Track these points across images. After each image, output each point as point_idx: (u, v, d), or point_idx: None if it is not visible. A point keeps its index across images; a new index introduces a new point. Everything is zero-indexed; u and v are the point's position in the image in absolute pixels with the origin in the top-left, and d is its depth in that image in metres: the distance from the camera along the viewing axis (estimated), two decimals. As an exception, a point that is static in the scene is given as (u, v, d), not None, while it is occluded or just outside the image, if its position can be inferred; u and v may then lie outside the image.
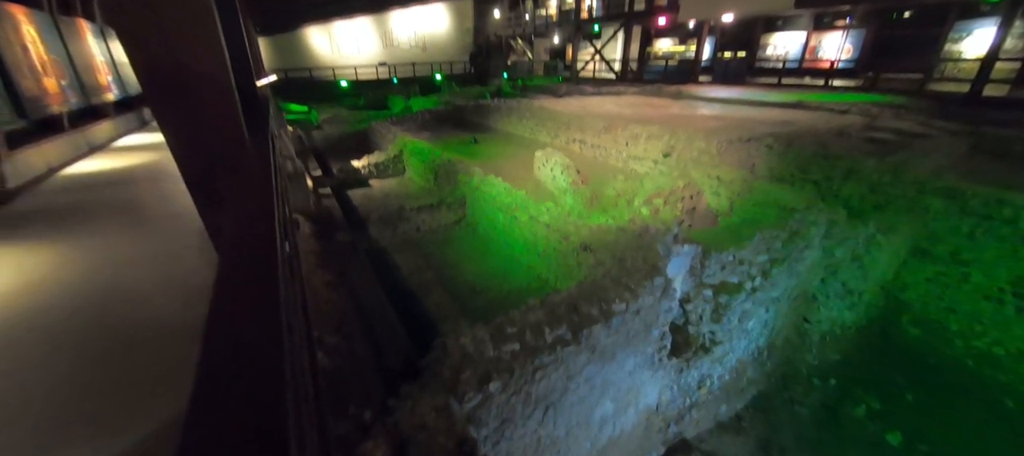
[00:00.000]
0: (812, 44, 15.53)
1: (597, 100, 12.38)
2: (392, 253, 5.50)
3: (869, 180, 5.63)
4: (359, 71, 24.87)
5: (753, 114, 9.20)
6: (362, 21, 24.70)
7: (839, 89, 12.15)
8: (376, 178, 8.81)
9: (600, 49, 19.39)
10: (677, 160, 6.25)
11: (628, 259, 3.31)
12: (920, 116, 8.39)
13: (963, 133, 7.18)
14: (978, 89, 9.16)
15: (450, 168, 6.93)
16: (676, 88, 13.41)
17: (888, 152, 6.52)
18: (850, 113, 8.80)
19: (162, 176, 5.53)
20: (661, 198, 5.30)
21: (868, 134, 7.84)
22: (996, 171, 6.02)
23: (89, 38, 6.70)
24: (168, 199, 4.72)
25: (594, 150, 8.07)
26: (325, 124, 15.11)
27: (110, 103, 7.21)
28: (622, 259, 3.36)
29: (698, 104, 11.24)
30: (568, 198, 6.33)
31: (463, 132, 11.30)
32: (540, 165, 7.05)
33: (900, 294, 5.12)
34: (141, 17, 1.97)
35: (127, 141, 7.30)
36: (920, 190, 5.14)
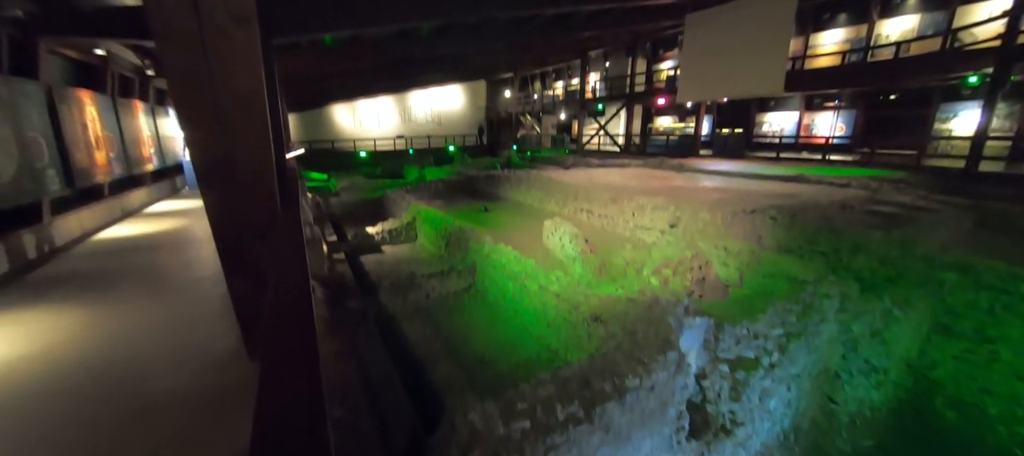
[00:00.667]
0: (805, 122, 16.34)
1: (603, 172, 12.92)
2: (401, 321, 5.49)
3: (878, 253, 5.64)
4: (378, 143, 26.47)
5: (755, 187, 9.48)
6: (384, 100, 26.80)
7: (837, 163, 12.56)
8: (389, 244, 9.03)
9: (604, 125, 20.57)
10: (684, 231, 6.38)
11: (639, 332, 3.29)
12: (921, 190, 8.57)
13: (966, 207, 7.28)
14: (974, 165, 9.43)
15: (461, 236, 7.13)
16: (678, 161, 13.99)
17: (893, 226, 6.60)
18: (851, 186, 9.03)
19: (186, 242, 5.76)
20: (670, 268, 5.34)
21: (871, 207, 7.98)
22: (1003, 246, 6.01)
23: (140, 116, 7.39)
24: (190, 265, 4.88)
25: (601, 220, 8.27)
26: (343, 191, 15.80)
27: (148, 173, 7.75)
28: (633, 332, 3.34)
29: (700, 176, 11.65)
30: (577, 267, 6.39)
31: (474, 201, 11.72)
32: (549, 234, 7.21)
33: (929, 373, 4.89)
34: (204, 107, 2.24)
35: (158, 207, 7.72)
36: (931, 264, 5.12)
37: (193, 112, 2.29)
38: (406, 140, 27.37)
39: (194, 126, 2.46)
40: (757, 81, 10.91)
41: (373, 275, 7.25)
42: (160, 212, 7.61)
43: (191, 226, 6.72)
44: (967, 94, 11.71)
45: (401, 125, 28.01)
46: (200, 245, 5.56)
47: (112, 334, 3.18)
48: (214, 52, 2.28)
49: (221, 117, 2.48)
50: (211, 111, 2.48)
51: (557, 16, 11.85)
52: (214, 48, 2.25)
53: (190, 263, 5.12)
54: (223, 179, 2.59)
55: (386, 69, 14.25)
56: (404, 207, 10.62)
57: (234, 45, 2.31)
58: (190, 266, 5.00)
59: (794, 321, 4.23)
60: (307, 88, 16.13)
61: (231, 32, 2.25)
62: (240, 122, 2.49)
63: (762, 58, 10.42)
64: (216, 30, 2.22)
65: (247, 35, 2.32)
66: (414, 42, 11.60)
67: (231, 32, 2.25)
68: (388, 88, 24.27)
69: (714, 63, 11.80)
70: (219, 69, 2.33)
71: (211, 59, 2.31)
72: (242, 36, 2.31)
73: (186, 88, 2.31)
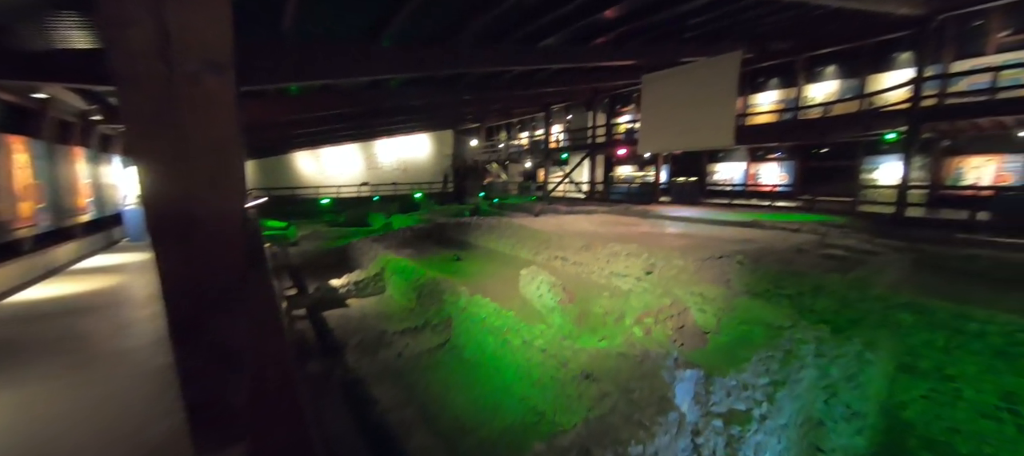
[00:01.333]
0: (752, 172, 17.75)
1: (571, 218, 13.17)
2: (371, 384, 5.00)
3: (838, 295, 5.94)
4: (342, 190, 25.80)
5: (717, 232, 9.96)
6: (349, 146, 26.50)
7: (784, 209, 13.59)
8: (355, 297, 8.48)
9: (569, 173, 21.34)
10: (659, 277, 6.46)
11: (635, 389, 3.14)
12: (862, 234, 9.32)
13: (903, 249, 7.96)
14: (901, 211, 10.47)
15: (435, 287, 6.82)
16: (642, 208, 14.58)
17: (847, 268, 7.05)
18: (802, 231, 9.70)
19: (120, 303, 5.09)
20: (651, 317, 5.32)
21: (823, 251, 8.55)
22: (941, 284, 6.55)
23: (80, 163, 6.74)
24: (124, 331, 4.28)
25: (576, 267, 8.27)
26: (303, 240, 14.99)
27: (81, 224, 6.95)
28: (629, 390, 3.19)
29: (664, 222, 12.14)
30: (556, 317, 6.23)
31: (445, 249, 11.45)
32: (526, 283, 7.07)
33: (900, 414, 5.02)
34: (167, 155, 1.99)
35: (91, 263, 6.87)
36: (887, 305, 5.43)
37: (153, 161, 2.02)
38: (371, 187, 26.93)
39: (153, 176, 2.14)
40: (710, 135, 11.82)
41: (338, 332, 6.69)
42: (92, 268, 6.78)
43: (127, 284, 6.00)
44: (886, 149, 13.26)
45: (366, 172, 27.65)
46: (135, 306, 4.93)
47: (19, 423, 2.63)
48: (185, 99, 2.04)
49: (187, 167, 2.20)
50: (175, 160, 2.19)
51: (524, 72, 12.47)
52: (185, 95, 2.02)
53: (124, 329, 4.50)
54: (183, 237, 2.26)
55: (355, 118, 14.20)
56: (371, 257, 10.16)
57: (207, 92, 2.08)
58: (124, 332, 4.38)
59: (777, 368, 4.25)
60: (270, 135, 15.67)
61: (204, 79, 2.04)
62: (209, 173, 2.22)
63: (713, 115, 11.38)
64: (188, 76, 2.00)
65: (222, 82, 2.11)
66: (385, 92, 11.70)
67: (204, 79, 2.04)
68: (355, 136, 24.11)
69: (670, 118, 12.74)
70: (189, 117, 2.09)
71: (181, 106, 2.07)
72: (216, 83, 2.09)
73: (147, 135, 2.04)
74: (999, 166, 11.54)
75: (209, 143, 2.04)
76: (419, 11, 6.07)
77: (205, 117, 2.01)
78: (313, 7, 5.27)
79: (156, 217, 2.07)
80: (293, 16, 5.22)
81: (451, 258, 10.06)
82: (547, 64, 10.15)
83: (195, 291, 2.16)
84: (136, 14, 1.87)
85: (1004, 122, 10.12)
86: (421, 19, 6.60)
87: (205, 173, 2.04)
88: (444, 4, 6.41)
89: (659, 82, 13.17)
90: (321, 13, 5.76)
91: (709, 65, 11.55)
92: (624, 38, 9.92)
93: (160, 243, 2.10)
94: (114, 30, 1.87)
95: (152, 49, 1.85)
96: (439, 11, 6.66)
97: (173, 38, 1.94)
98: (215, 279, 2.22)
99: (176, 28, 1.92)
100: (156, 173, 1.94)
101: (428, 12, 6.37)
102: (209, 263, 2.23)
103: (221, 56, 2.01)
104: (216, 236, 2.26)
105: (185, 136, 1.91)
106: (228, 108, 2.19)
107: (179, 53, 1.88)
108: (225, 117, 2.16)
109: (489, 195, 25.18)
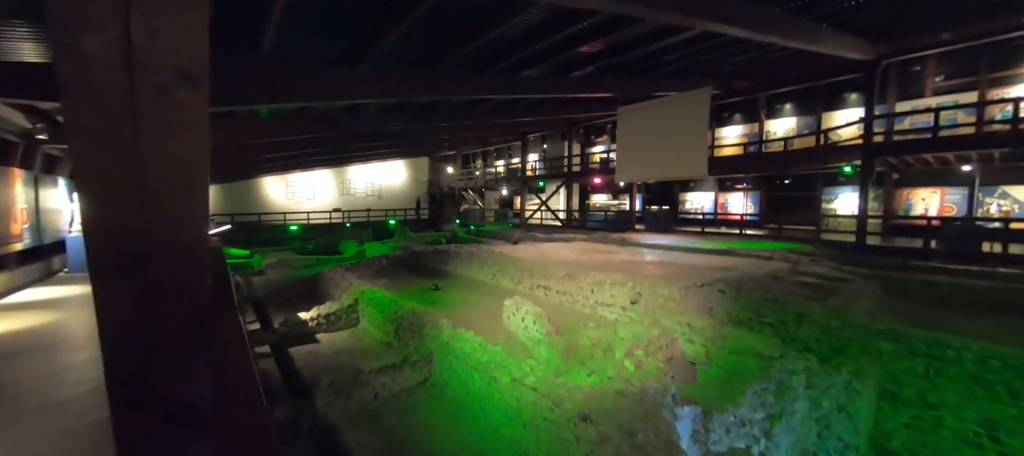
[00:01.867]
0: (721, 201, 18.46)
1: (551, 246, 13.11)
2: (344, 430, 4.54)
3: (819, 323, 6.04)
4: (312, 216, 24.87)
5: (694, 260, 10.12)
6: (321, 172, 25.77)
7: (753, 237, 14.09)
8: (326, 331, 7.92)
9: (545, 201, 21.49)
10: (645, 307, 6.39)
11: (639, 432, 2.95)
12: (830, 262, 9.70)
13: (870, 277, 8.29)
14: (862, 239, 11.03)
15: (414, 320, 6.45)
16: (620, 236, 14.75)
17: (823, 295, 7.25)
18: (774, 259, 10.00)
19: (52, 347, 4.46)
20: (641, 349, 5.18)
21: (797, 278, 8.80)
22: (910, 310, 6.82)
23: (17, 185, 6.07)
24: (53, 380, 3.72)
25: (560, 297, 8.11)
26: (269, 269, 14.13)
27: (13, 253, 6.19)
28: (632, 432, 2.99)
29: (642, 250, 12.28)
30: (542, 349, 5.99)
31: (422, 278, 11.04)
32: (510, 314, 6.81)
33: (887, 443, 5.03)
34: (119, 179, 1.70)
35: (21, 297, 6.08)
36: (868, 333, 5.54)
37: (100, 182, 1.71)
38: (343, 213, 26.11)
39: (99, 199, 1.80)
40: (685, 165, 12.24)
41: (307, 372, 6.15)
42: (23, 303, 6.02)
43: (63, 321, 5.32)
44: (843, 180, 14.12)
45: (338, 198, 26.86)
46: (71, 349, 4.34)
47: None
48: (147, 114, 1.75)
49: (143, 193, 1.88)
50: (127, 181, 1.87)
51: (504, 101, 12.61)
52: (147, 109, 1.73)
53: (55, 376, 3.91)
54: (131, 269, 1.91)
55: (330, 143, 13.83)
56: (344, 287, 9.62)
57: (175, 107, 1.80)
58: (55, 380, 3.80)
59: (772, 402, 4.17)
60: (236, 158, 14.97)
61: (174, 92, 1.76)
62: (170, 199, 1.90)
63: (687, 146, 11.82)
64: (154, 89, 1.72)
65: (193, 96, 1.83)
66: (363, 117, 11.48)
67: (174, 92, 1.76)
68: (329, 162, 23.48)
69: (646, 149, 13.15)
70: (151, 134, 1.79)
71: (141, 122, 1.77)
72: (186, 97, 1.81)
73: (96, 155, 1.73)
74: (943, 197, 12.49)
75: (171, 162, 1.77)
76: (403, 37, 6.01)
77: (170, 133, 1.75)
78: (295, 29, 5.09)
79: (99, 246, 1.74)
80: (273, 37, 5.01)
81: (429, 288, 9.68)
82: (528, 94, 10.31)
83: (144, 334, 1.82)
84: (97, 18, 1.61)
85: (946, 157, 11.02)
86: (405, 45, 6.54)
87: (164, 195, 1.75)
88: (429, 31, 6.38)
89: (634, 114, 13.65)
90: (302, 35, 5.58)
91: (681, 99, 12.08)
92: (602, 71, 10.25)
93: (102, 276, 1.76)
94: (68, 35, 1.60)
95: (113, 57, 1.59)
96: (423, 38, 6.64)
97: (139, 45, 1.69)
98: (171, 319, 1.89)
99: (143, 34, 1.67)
100: (103, 195, 1.64)
101: (412, 38, 6.33)
102: (163, 301, 1.90)
103: (195, 66, 1.77)
104: (173, 269, 1.93)
105: (142, 154, 1.64)
106: (198, 124, 1.92)
107: (146, 62, 1.64)
108: (194, 134, 1.89)
109: (465, 222, 24.94)
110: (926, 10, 8.73)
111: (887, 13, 8.52)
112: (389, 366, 5.42)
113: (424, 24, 5.70)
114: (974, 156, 10.82)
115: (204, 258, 2.08)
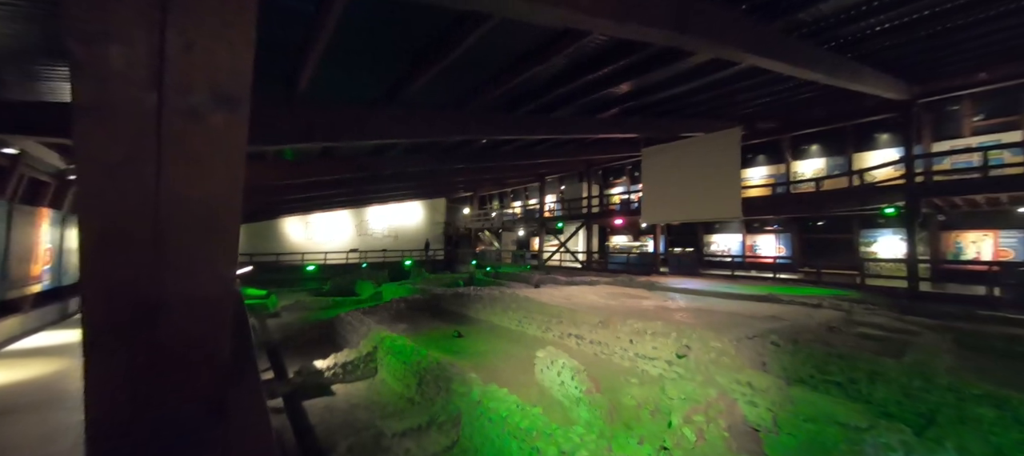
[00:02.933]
0: (750, 243, 17.74)
1: (575, 289, 12.52)
2: (363, 506, 3.95)
3: (898, 383, 5.30)
4: (329, 257, 24.87)
5: (734, 307, 9.41)
6: (340, 212, 26.05)
7: (789, 281, 13.27)
8: (342, 381, 7.40)
9: (565, 242, 21.05)
10: (696, 362, 5.74)
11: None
12: (886, 311, 8.90)
13: (937, 328, 7.48)
14: (915, 285, 10.21)
15: (440, 373, 5.92)
16: (646, 279, 14.10)
17: (891, 350, 6.48)
18: (823, 306, 9.24)
19: (52, 403, 4.09)
20: (701, 414, 4.53)
21: (855, 329, 8.02)
22: (1000, 369, 6.00)
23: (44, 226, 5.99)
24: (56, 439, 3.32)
25: (594, 347, 7.49)
26: (284, 311, 13.82)
27: (30, 296, 6.00)
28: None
29: (673, 295, 11.59)
30: (582, 410, 5.36)
31: (442, 323, 10.53)
32: (543, 367, 6.24)
33: (1008, 537, 4.17)
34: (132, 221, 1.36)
35: (32, 342, 5.82)
36: (960, 396, 4.80)
37: (109, 224, 1.35)
38: (360, 254, 26.06)
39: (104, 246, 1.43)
40: (717, 207, 11.80)
41: (322, 430, 5.60)
42: (32, 349, 5.74)
43: (69, 371, 4.99)
44: (883, 222, 13.40)
45: (356, 239, 26.95)
46: (73, 406, 3.96)
47: None
48: (174, 141, 1.39)
49: (159, 236, 1.49)
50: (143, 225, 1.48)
51: (527, 142, 12.58)
52: (176, 136, 1.37)
53: (56, 436, 3.53)
54: (136, 338, 1.50)
55: (352, 184, 13.91)
56: (362, 333, 9.17)
57: (208, 134, 1.43)
58: (54, 441, 3.41)
59: (874, 486, 3.47)
60: (260, 200, 15.15)
61: (208, 116, 1.40)
62: (193, 244, 1.52)
63: (718, 187, 11.44)
64: (185, 112, 1.36)
65: (231, 122, 1.48)
66: (386, 158, 11.52)
67: (208, 116, 1.40)
68: (350, 202, 23.76)
69: (673, 190, 12.80)
70: (177, 166, 1.43)
71: (166, 151, 1.41)
72: (223, 123, 1.45)
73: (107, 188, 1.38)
74: (997, 241, 11.64)
75: (200, 199, 1.43)
76: (436, 78, 5.95)
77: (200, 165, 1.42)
78: (332, 67, 5.06)
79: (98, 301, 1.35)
80: (310, 78, 4.97)
81: (452, 334, 9.15)
82: (553, 134, 10.21)
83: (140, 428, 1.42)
84: (126, 27, 1.30)
85: (998, 198, 10.34)
86: (437, 86, 6.50)
87: (185, 239, 1.39)
88: (462, 73, 6.34)
89: (659, 155, 13.43)
90: (337, 76, 5.57)
91: (709, 140, 11.85)
92: (628, 113, 10.15)
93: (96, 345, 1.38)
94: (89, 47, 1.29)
95: (140, 74, 1.29)
96: (456, 79, 6.60)
97: (171, 61, 1.37)
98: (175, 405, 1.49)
99: (177, 49, 1.37)
100: (110, 237, 1.28)
101: (445, 79, 6.28)
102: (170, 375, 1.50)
103: (236, 87, 1.46)
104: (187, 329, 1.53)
105: (164, 189, 1.31)
106: (234, 155, 1.57)
107: (179, 80, 1.34)
108: (228, 166, 1.55)
109: (482, 263, 24.54)
110: (963, 51, 8.48)
111: (924, 53, 8.29)
112: (413, 429, 4.85)
113: (458, 66, 5.64)
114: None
115: (225, 315, 1.68)
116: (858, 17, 5.71)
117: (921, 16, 6.23)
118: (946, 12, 6.13)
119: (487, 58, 6.07)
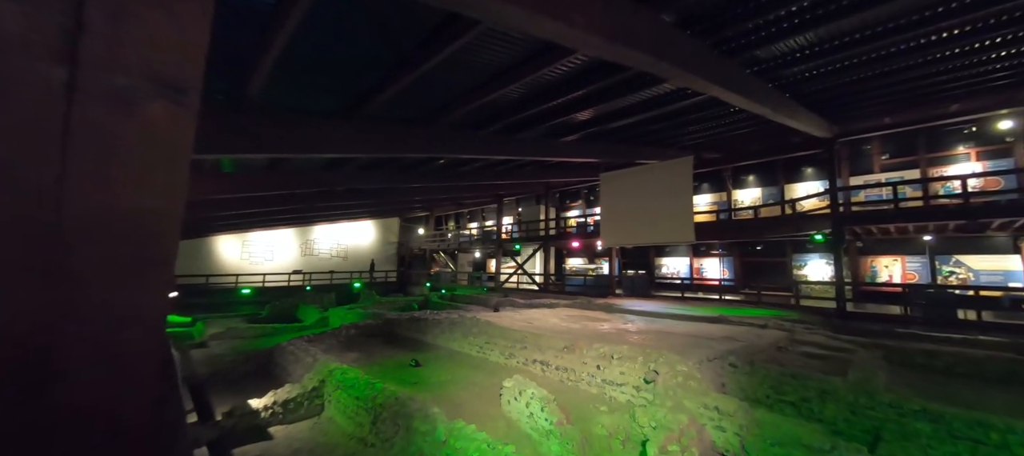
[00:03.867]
0: (697, 266, 18.72)
1: (536, 312, 12.36)
2: None
3: (846, 401, 5.61)
4: (268, 279, 22.79)
5: (690, 328, 9.71)
6: (284, 231, 24.16)
7: (733, 302, 14.08)
8: (281, 422, 6.54)
9: (522, 264, 20.99)
10: (664, 387, 5.73)
11: None
12: (821, 329, 9.61)
13: (868, 346, 8.16)
14: (843, 306, 11.18)
15: (399, 409, 5.39)
16: (605, 301, 14.29)
17: (834, 368, 6.93)
18: (768, 326, 9.79)
19: None
20: (675, 443, 4.45)
21: (799, 348, 8.55)
22: (925, 383, 6.60)
23: None
24: None
25: (560, 373, 7.30)
26: (212, 341, 12.27)
27: None
28: None
29: (631, 317, 11.79)
30: (553, 443, 5.11)
31: (398, 350, 9.85)
32: (510, 398, 5.92)
33: (951, 548, 4.43)
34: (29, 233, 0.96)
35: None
36: (900, 412, 5.15)
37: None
38: (304, 276, 24.19)
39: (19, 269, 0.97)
40: (672, 231, 12.33)
41: (258, 483, 4.83)
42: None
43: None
44: (810, 247, 14.73)
45: (300, 259, 25.05)
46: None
47: None
48: (90, 134, 0.98)
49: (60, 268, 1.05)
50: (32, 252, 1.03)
51: (490, 162, 12.46)
52: (93, 127, 0.96)
53: None
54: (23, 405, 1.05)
55: (301, 200, 12.91)
56: (306, 364, 8.28)
57: (142, 128, 1.04)
58: None
59: (845, 509, 3.53)
60: (189, 215, 13.55)
61: (141, 105, 1.01)
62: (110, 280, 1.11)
63: (673, 212, 11.99)
64: (108, 96, 0.96)
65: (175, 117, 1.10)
66: (340, 173, 10.83)
67: (141, 105, 1.01)
68: (296, 220, 22.07)
69: (631, 214, 13.23)
70: (91, 170, 1.01)
71: (76, 147, 0.99)
72: (162, 115, 1.06)
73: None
74: (904, 265, 13.18)
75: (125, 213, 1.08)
76: (401, 94, 5.66)
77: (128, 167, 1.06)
78: (288, 77, 4.60)
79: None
80: (262, 83, 4.47)
81: (408, 363, 8.55)
82: (518, 156, 10.19)
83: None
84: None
85: (906, 227, 11.75)
86: (401, 101, 6.20)
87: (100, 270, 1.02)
88: (427, 89, 6.11)
89: (617, 180, 13.89)
90: (295, 84, 5.08)
91: (665, 167, 12.46)
92: (590, 139, 10.40)
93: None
94: None
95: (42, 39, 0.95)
96: (421, 96, 6.35)
97: (92, 28, 1.01)
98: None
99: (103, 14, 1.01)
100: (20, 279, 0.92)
101: (409, 95, 6.00)
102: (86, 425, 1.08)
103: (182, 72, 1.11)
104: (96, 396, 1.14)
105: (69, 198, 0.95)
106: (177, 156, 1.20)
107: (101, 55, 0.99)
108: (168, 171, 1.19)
109: (436, 285, 23.74)
110: (872, 97, 9.67)
111: (845, 97, 9.35)
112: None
113: (429, 81, 5.41)
114: (931, 227, 11.61)
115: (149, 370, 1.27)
116: (801, 60, 6.30)
117: (844, 65, 7.05)
118: (861, 63, 7.00)
119: (458, 75, 5.91)
